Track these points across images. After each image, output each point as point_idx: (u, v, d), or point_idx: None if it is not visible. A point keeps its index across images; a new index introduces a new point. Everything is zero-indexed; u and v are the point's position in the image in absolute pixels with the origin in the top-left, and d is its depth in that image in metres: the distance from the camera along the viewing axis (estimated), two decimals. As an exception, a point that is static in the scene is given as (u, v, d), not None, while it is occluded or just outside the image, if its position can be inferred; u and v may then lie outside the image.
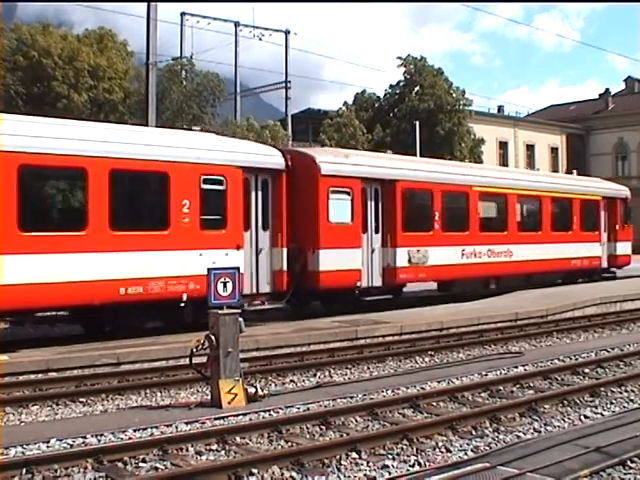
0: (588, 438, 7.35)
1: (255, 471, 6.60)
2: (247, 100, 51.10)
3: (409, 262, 19.18)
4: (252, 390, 9.28)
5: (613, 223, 28.21)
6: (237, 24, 47.24)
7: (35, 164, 12.71)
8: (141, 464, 6.98)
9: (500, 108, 64.44)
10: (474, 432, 8.06)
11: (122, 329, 14.06)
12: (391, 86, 48.91)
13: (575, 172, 32.29)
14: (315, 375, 11.68)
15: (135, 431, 7.91)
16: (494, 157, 57.57)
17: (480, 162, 46.11)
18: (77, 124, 14.62)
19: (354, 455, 7.17)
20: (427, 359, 13.14)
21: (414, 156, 32.60)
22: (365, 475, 6.71)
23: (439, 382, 10.63)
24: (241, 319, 9.35)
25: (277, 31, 47.72)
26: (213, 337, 9.13)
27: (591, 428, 7.91)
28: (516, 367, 11.81)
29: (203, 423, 8.27)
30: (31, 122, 13.40)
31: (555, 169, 61.83)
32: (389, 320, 16.56)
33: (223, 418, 8.46)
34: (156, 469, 6.86)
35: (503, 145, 61.19)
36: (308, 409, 8.98)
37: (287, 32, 47.78)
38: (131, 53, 37.25)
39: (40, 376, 11.15)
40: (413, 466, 6.95)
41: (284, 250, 16.53)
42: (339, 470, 6.84)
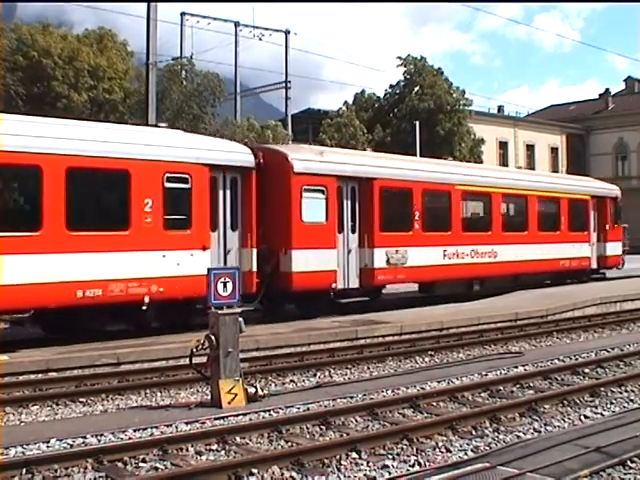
0: (588, 438, 7.35)
1: (255, 471, 6.60)
2: (247, 100, 51.06)
3: (387, 263, 18.66)
4: (252, 390, 9.29)
5: (603, 223, 27.51)
6: (237, 24, 47.17)
7: None
8: (141, 464, 6.98)
9: (500, 108, 64.57)
10: (474, 432, 8.06)
11: (82, 332, 13.60)
12: (391, 86, 48.91)
13: (564, 171, 31.88)
14: (315, 375, 11.69)
15: (135, 431, 7.91)
16: (494, 157, 57.55)
17: (480, 162, 46.06)
18: (31, 120, 13.82)
19: (354, 455, 7.17)
20: (427, 359, 13.14)
21: (414, 156, 32.39)
22: (365, 475, 6.71)
23: (439, 382, 10.63)
24: (241, 319, 9.36)
25: (277, 31, 47.67)
26: (213, 337, 9.14)
27: (591, 428, 7.91)
28: (516, 367, 11.81)
29: (203, 423, 8.27)
30: None
31: (555, 169, 61.75)
32: (389, 320, 16.57)
33: (223, 418, 8.47)
34: (156, 469, 6.87)
35: (503, 145, 61.22)
36: (308, 409, 8.99)
37: (287, 32, 47.73)
38: (131, 53, 37.18)
39: (40, 376, 11.16)
40: (413, 466, 6.95)
41: (254, 251, 16.06)
42: (339, 470, 6.84)
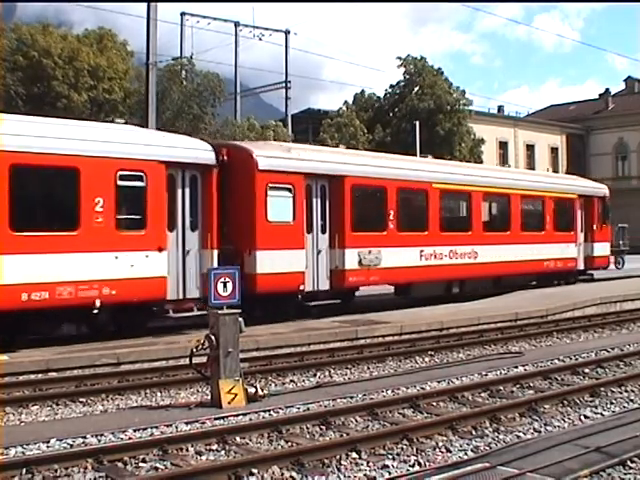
0: (588, 438, 7.35)
1: (255, 471, 6.60)
2: (247, 100, 51.07)
3: (360, 264, 17.91)
4: (252, 390, 9.29)
5: (590, 223, 26.73)
6: (237, 24, 47.18)
7: None
8: (141, 464, 6.98)
9: (500, 108, 64.53)
10: (474, 432, 8.07)
11: (30, 336, 13.19)
12: (391, 86, 48.89)
13: (549, 169, 31.06)
14: (315, 375, 11.69)
15: (135, 431, 7.91)
16: (494, 157, 57.54)
17: (480, 162, 46.05)
18: None
19: (354, 455, 7.17)
20: (427, 359, 13.14)
21: (414, 156, 32.15)
22: (365, 475, 6.71)
23: (439, 382, 10.63)
24: (241, 319, 9.37)
25: (277, 31, 47.69)
26: (213, 337, 9.14)
27: (591, 428, 7.91)
28: (516, 367, 11.81)
29: (203, 423, 8.27)
30: None
31: (555, 169, 61.74)
32: (389, 320, 16.58)
33: (223, 418, 8.47)
34: (156, 469, 6.87)
35: (503, 145, 61.20)
36: (308, 409, 8.99)
37: (287, 32, 47.74)
38: (131, 53, 37.22)
39: (40, 376, 11.16)
40: (413, 466, 6.95)
41: (214, 252, 15.31)
42: (339, 470, 6.84)
